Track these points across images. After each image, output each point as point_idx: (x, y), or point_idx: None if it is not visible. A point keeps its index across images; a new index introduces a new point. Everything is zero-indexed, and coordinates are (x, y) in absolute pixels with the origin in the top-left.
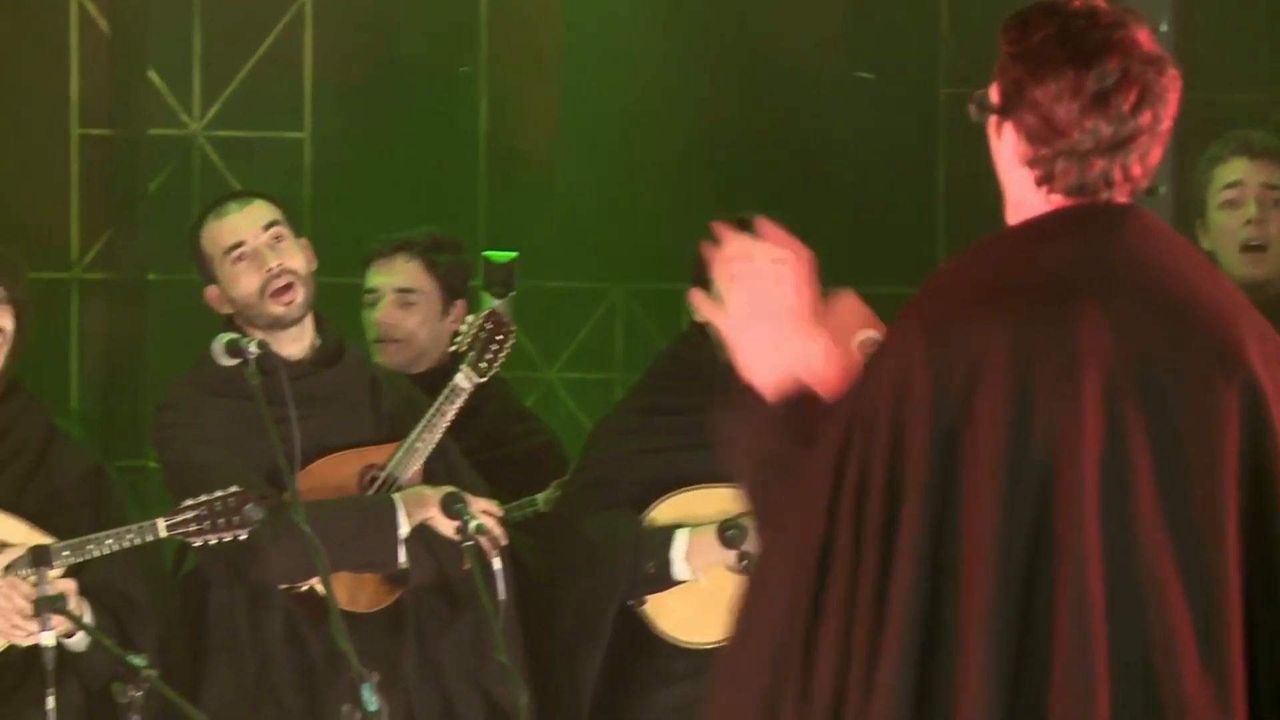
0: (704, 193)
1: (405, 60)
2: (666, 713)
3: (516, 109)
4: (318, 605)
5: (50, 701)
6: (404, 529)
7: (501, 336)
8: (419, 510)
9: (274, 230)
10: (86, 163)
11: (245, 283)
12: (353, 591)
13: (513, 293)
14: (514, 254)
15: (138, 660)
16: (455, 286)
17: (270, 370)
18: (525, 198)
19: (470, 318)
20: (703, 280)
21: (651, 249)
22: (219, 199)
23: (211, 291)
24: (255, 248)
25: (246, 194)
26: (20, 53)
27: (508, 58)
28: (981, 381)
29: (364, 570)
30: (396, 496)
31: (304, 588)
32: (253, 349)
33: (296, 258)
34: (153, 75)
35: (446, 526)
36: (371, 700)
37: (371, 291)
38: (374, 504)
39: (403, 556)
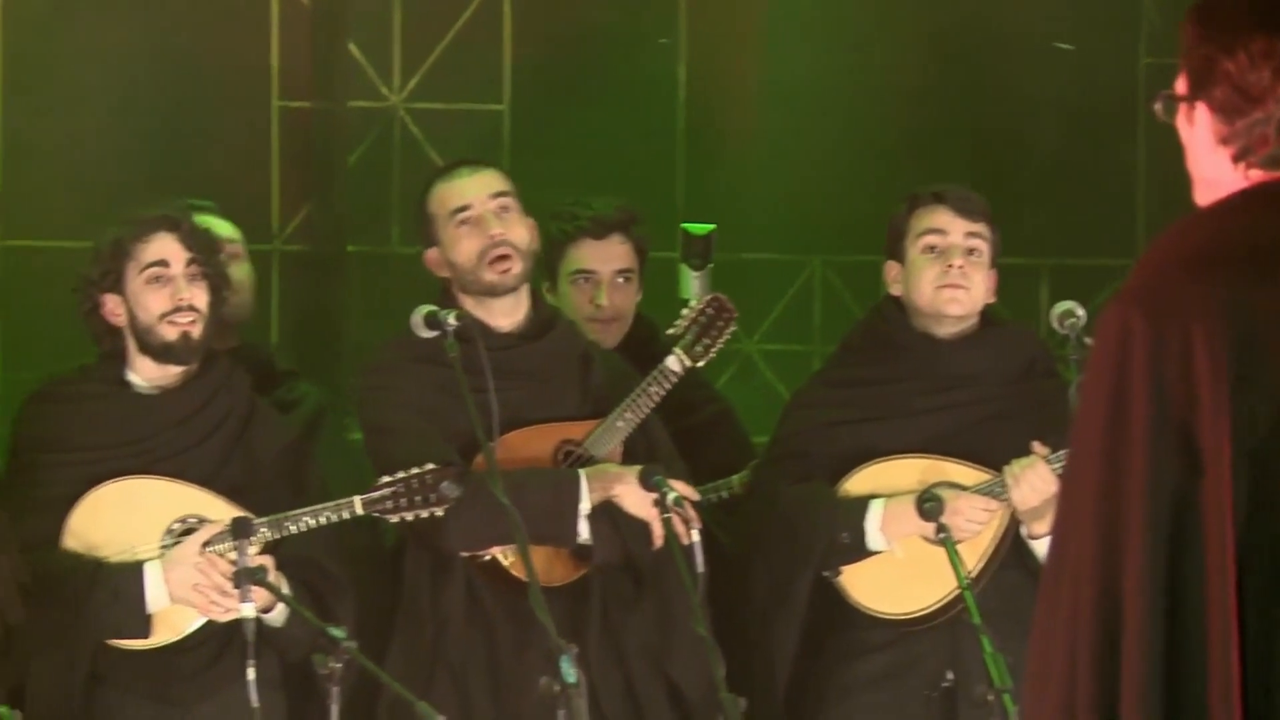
0: (902, 164)
1: (604, 32)
2: (862, 684)
3: (715, 80)
4: (500, 575)
5: (250, 674)
6: (585, 504)
7: (722, 323)
8: (605, 486)
9: (502, 200)
10: (286, 135)
11: (466, 247)
12: (539, 564)
13: (710, 265)
14: (712, 226)
15: (337, 632)
16: (645, 260)
17: (470, 341)
18: (723, 169)
19: (694, 300)
20: (897, 252)
21: (850, 220)
22: (452, 163)
23: (432, 254)
24: (480, 214)
25: (480, 162)
26: (222, 26)
27: (706, 28)
28: (1201, 364)
29: (543, 543)
30: (582, 471)
31: (486, 557)
32: (451, 321)
33: (520, 231)
34: (353, 48)
35: (635, 505)
36: (570, 672)
37: (587, 273)
38: (557, 477)
39: (585, 532)
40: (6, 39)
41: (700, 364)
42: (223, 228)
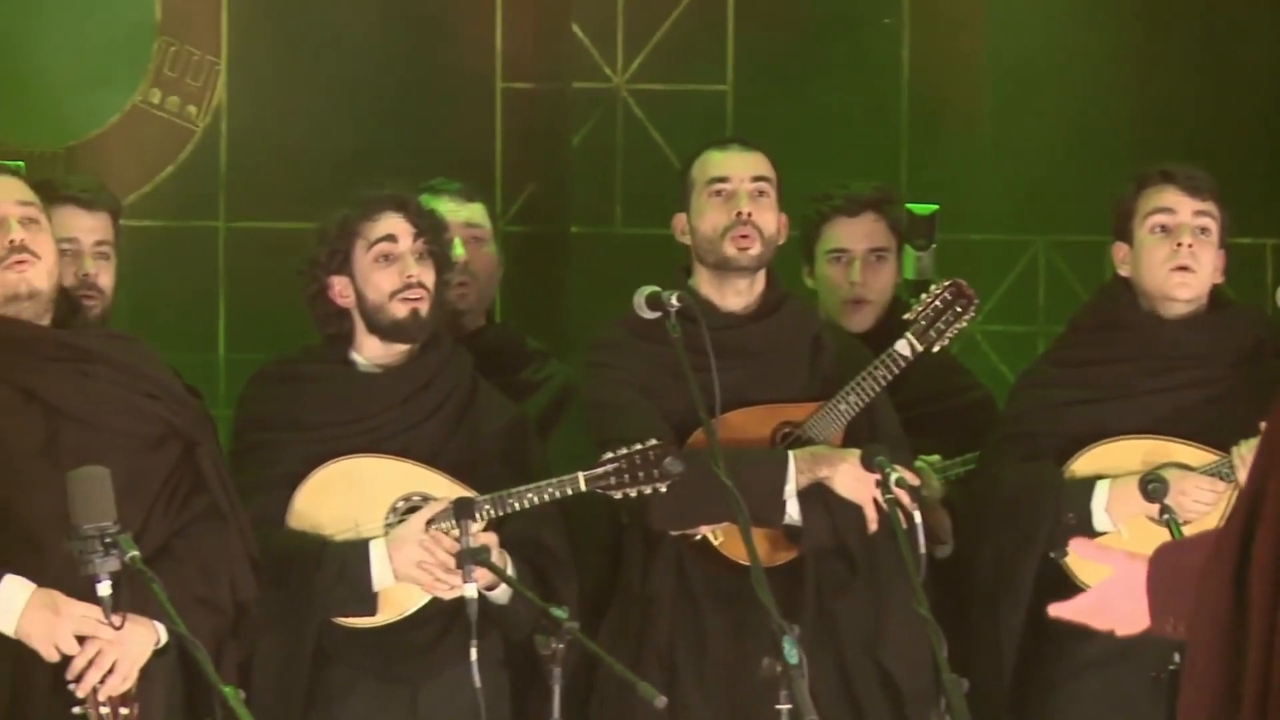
0: (1126, 142)
1: (827, 12)
2: (1089, 666)
3: (938, 61)
4: (711, 555)
5: (473, 653)
6: (791, 485)
7: (959, 308)
8: (815, 469)
9: (761, 185)
10: (510, 117)
11: (712, 218)
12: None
13: (934, 245)
14: (935, 207)
15: (559, 612)
16: (902, 242)
17: (694, 320)
18: (946, 150)
19: (932, 285)
20: (1125, 232)
21: (1073, 200)
22: (727, 137)
23: (679, 219)
24: (735, 190)
25: (753, 144)
26: (447, 8)
27: (929, 9)
28: None
29: (750, 524)
30: (791, 453)
31: (697, 536)
32: (674, 302)
33: (769, 217)
34: (576, 29)
35: (848, 488)
36: (792, 653)
37: (841, 251)
38: (765, 457)
39: (794, 513)
40: (232, 23)
41: (934, 349)
42: (471, 210)
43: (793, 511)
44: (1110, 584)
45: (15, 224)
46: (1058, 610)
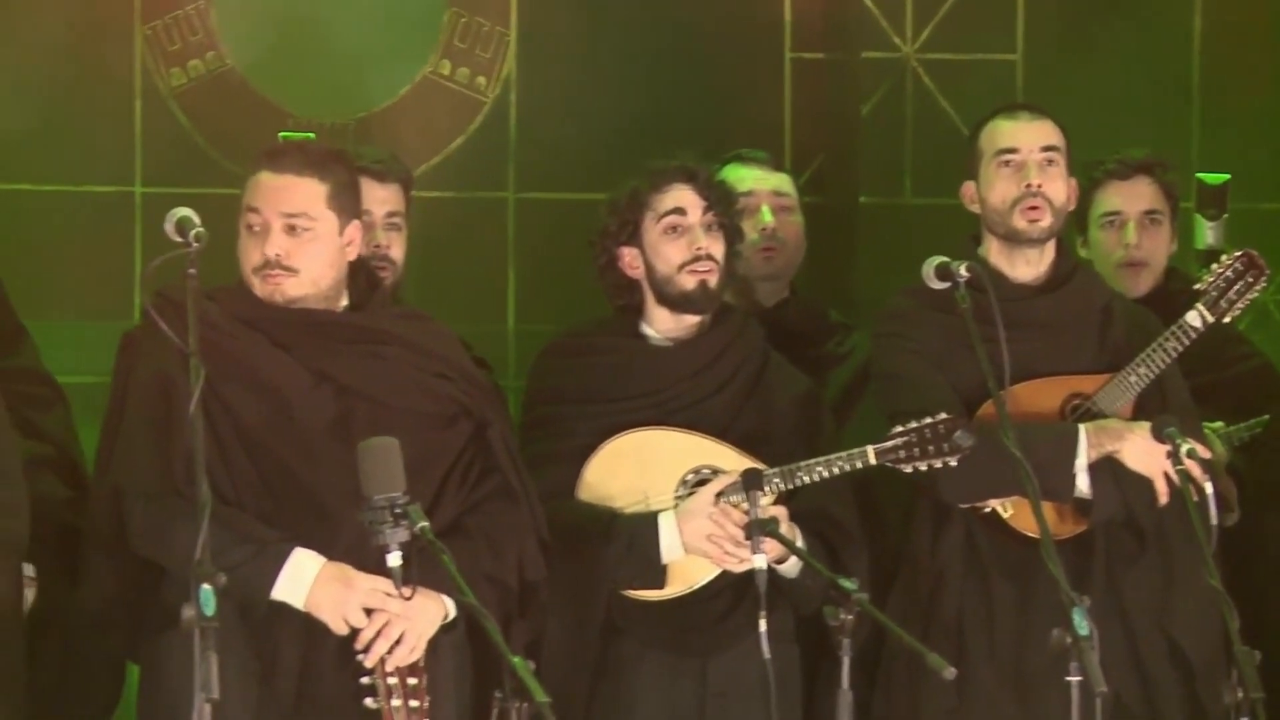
0: None
1: None
2: None
3: (1230, 31)
4: (1000, 528)
5: (762, 625)
6: (1083, 459)
7: (1251, 279)
8: (1106, 442)
9: (1049, 154)
10: (799, 86)
11: (1002, 190)
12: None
13: (1225, 215)
14: (1226, 176)
15: (848, 584)
16: (1176, 208)
17: (983, 291)
18: (1238, 120)
19: (1224, 255)
20: None
21: None
22: (1014, 104)
23: (968, 188)
24: (1024, 161)
25: (1041, 110)
26: None
27: None
28: None
29: (1040, 497)
30: (1081, 426)
31: (986, 509)
32: (963, 272)
33: (1058, 186)
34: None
35: (1138, 461)
36: (1083, 624)
37: (1114, 214)
38: (1056, 431)
39: (1084, 486)
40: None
41: (1225, 320)
42: (778, 179)
43: (1082, 485)
44: None
45: (277, 233)
46: None
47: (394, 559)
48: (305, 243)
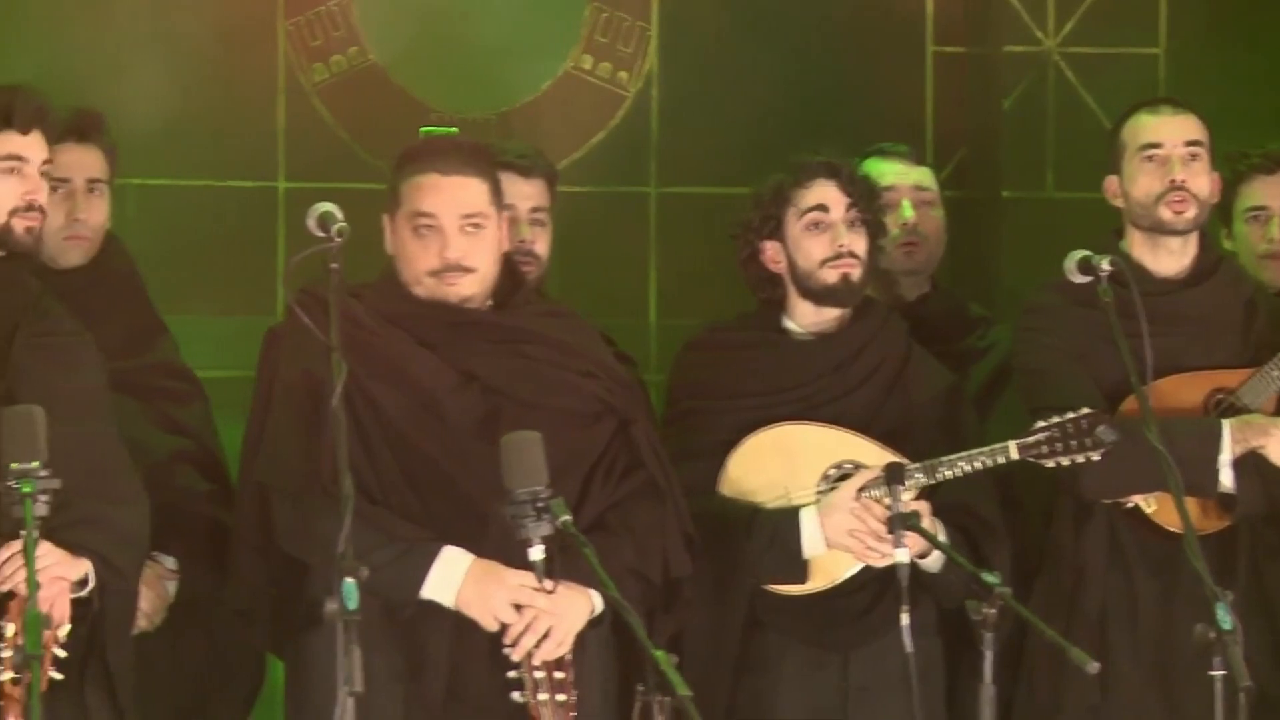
0: None
1: None
2: None
3: None
4: (1143, 523)
5: (904, 619)
6: (1226, 454)
7: None
8: (1250, 437)
9: (1193, 149)
10: (941, 81)
11: (1145, 184)
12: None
13: None
14: None
15: (991, 577)
16: None
17: (1126, 285)
18: None
19: None
20: None
21: None
22: (1157, 99)
23: (1111, 182)
24: (1168, 155)
25: (1183, 105)
26: None
27: None
28: None
29: (1183, 492)
30: (1226, 421)
31: (1129, 504)
32: (1105, 266)
33: (1202, 180)
34: None
35: None
36: (1226, 619)
37: (1259, 209)
38: (1199, 427)
39: (1228, 482)
40: None
41: None
42: (920, 173)
43: (1226, 480)
44: None
45: (455, 234)
46: None
47: (536, 552)
48: (480, 242)
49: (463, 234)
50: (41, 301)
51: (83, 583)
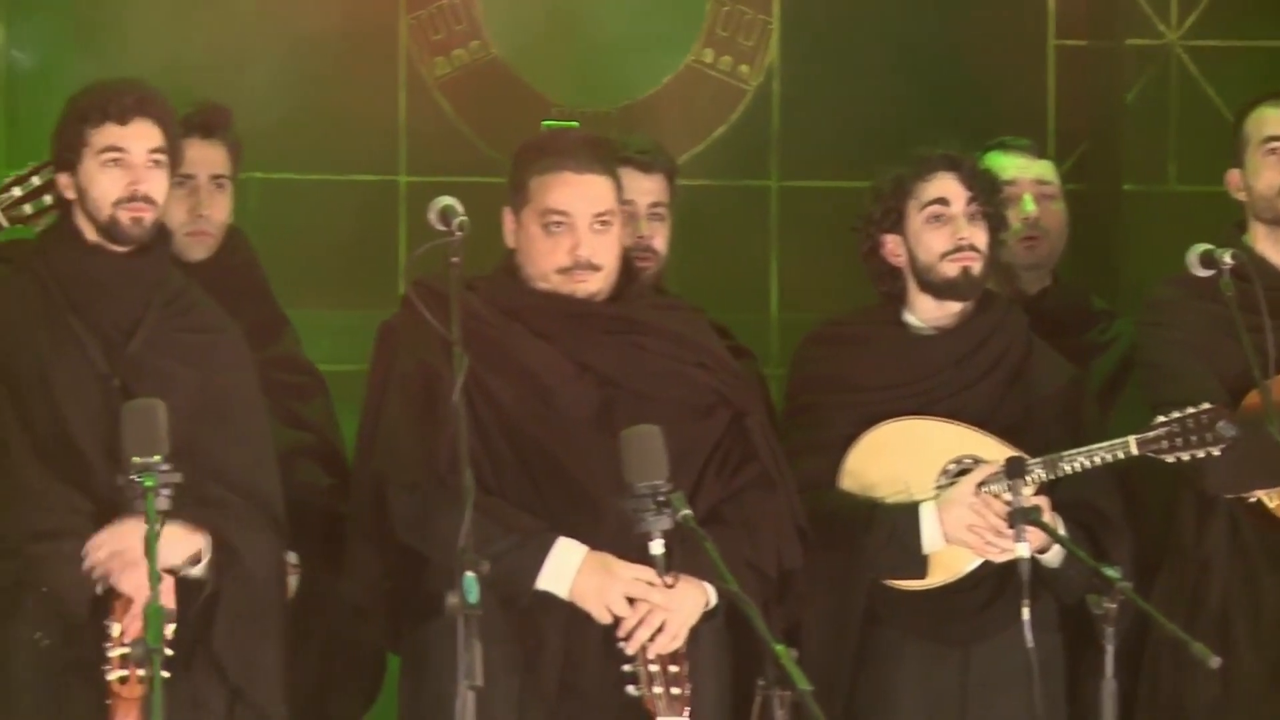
0: None
1: None
2: None
3: None
4: (1265, 518)
5: (1025, 614)
6: None
7: None
8: None
9: None
10: (1063, 74)
11: (1268, 178)
12: None
13: None
14: None
15: (1112, 572)
16: None
17: (1248, 279)
18: None
19: None
20: None
21: None
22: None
23: (1233, 175)
24: None
25: None
26: None
27: None
28: None
29: None
30: None
31: (1251, 499)
32: (1227, 260)
33: None
34: None
35: None
36: None
37: None
38: None
39: None
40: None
41: None
42: (1041, 166)
43: None
44: None
45: (587, 232)
46: None
47: (656, 546)
48: (608, 239)
49: (592, 232)
50: (184, 295)
51: (194, 560)
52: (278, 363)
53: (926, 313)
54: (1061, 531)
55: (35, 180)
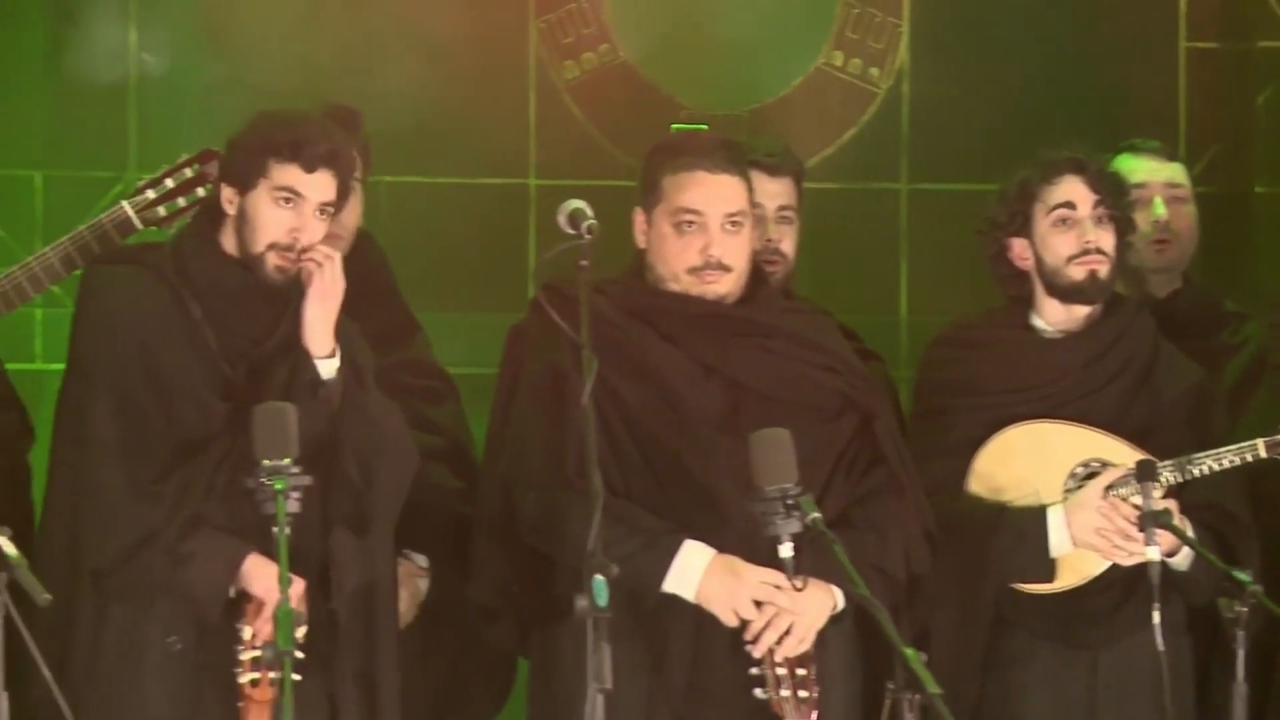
0: None
1: None
2: None
3: None
4: None
5: (1155, 618)
6: None
7: None
8: None
9: None
10: (1194, 76)
11: None
12: None
13: None
14: None
15: (1243, 575)
16: None
17: None
18: None
19: None
20: None
21: None
22: None
23: None
24: None
25: None
26: None
27: None
28: None
29: None
30: None
31: None
32: None
33: None
34: None
35: None
36: None
37: None
38: None
39: None
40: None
41: None
42: (1172, 169)
43: None
44: None
45: (719, 233)
46: None
47: (785, 550)
48: (739, 241)
49: (724, 232)
50: None
51: None
52: (408, 367)
53: (1053, 316)
54: (1191, 534)
55: (169, 183)
